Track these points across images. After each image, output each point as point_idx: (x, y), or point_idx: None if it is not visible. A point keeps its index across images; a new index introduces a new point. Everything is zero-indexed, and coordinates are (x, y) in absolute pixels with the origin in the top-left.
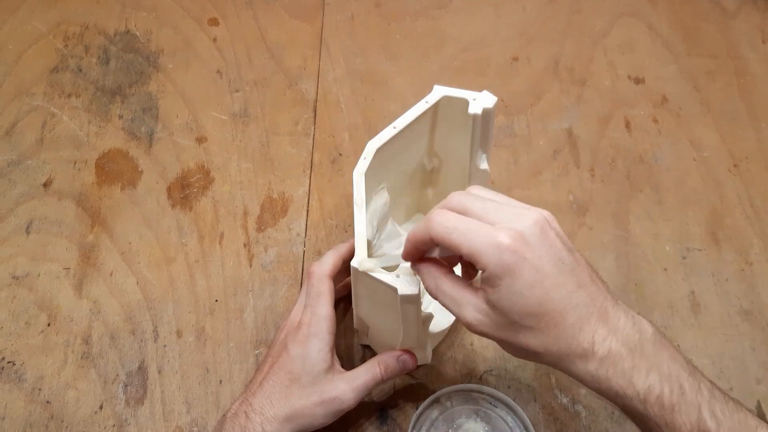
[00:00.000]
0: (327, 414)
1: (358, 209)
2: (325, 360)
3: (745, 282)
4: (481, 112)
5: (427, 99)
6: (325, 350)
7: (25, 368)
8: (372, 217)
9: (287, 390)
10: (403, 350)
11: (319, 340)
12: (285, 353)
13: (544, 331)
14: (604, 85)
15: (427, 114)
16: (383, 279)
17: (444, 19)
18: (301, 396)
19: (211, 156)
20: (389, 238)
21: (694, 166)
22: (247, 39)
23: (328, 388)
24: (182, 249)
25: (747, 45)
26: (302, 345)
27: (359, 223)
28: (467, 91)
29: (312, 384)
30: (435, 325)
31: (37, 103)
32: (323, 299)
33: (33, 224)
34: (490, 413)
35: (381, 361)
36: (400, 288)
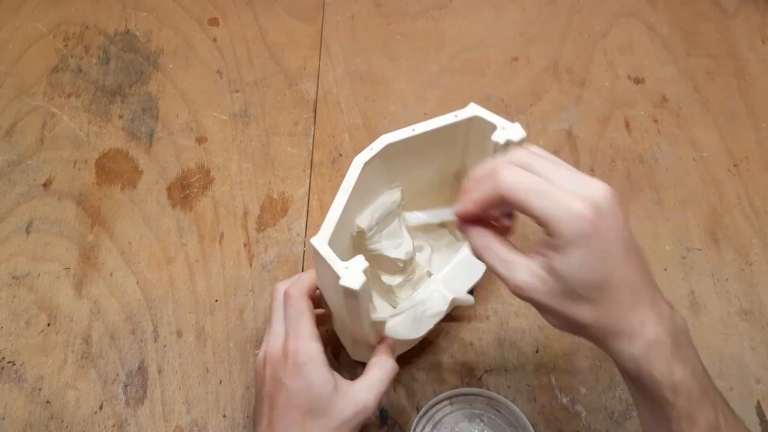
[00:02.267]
0: (352, 429)
1: (341, 193)
2: (328, 381)
3: (745, 282)
4: (504, 143)
5: (457, 113)
6: (323, 372)
7: (25, 368)
8: (375, 209)
9: (303, 426)
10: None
11: (314, 364)
12: (284, 389)
13: (600, 305)
14: (603, 86)
15: (458, 129)
16: (331, 263)
17: (444, 19)
18: (320, 426)
19: (211, 156)
20: (390, 236)
21: (694, 166)
22: (248, 39)
23: (344, 406)
24: (182, 249)
25: (747, 45)
26: (299, 376)
27: (336, 205)
28: (500, 117)
29: (326, 410)
30: (401, 333)
31: (37, 103)
32: (305, 319)
33: (33, 224)
34: (491, 416)
35: (382, 353)
36: (342, 278)
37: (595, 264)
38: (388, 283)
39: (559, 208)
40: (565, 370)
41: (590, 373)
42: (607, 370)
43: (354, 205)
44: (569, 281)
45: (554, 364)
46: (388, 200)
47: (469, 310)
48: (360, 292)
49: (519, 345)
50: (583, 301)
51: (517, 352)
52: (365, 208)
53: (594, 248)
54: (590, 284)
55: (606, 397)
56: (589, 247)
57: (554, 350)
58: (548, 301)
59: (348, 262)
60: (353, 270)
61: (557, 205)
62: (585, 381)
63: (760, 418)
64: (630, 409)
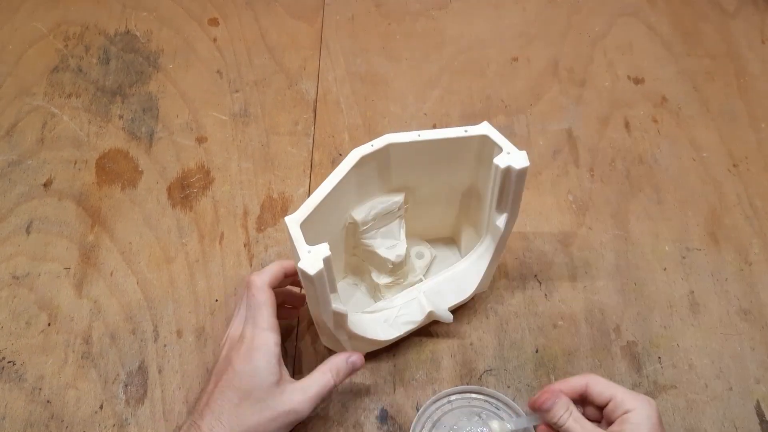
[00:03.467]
0: (281, 427)
1: (329, 179)
2: (274, 373)
3: (745, 282)
4: (504, 167)
5: (467, 129)
6: (272, 363)
7: (26, 368)
8: (374, 205)
9: (237, 408)
10: (351, 352)
11: (264, 353)
12: (230, 369)
13: None
14: (603, 86)
15: (469, 146)
16: (296, 243)
17: (444, 19)
18: (253, 412)
19: (212, 156)
20: (386, 235)
21: (694, 166)
22: (248, 39)
23: (281, 401)
24: (182, 249)
25: (747, 45)
26: (248, 360)
27: (320, 190)
28: (509, 142)
29: (263, 399)
30: (369, 332)
31: (37, 103)
32: (264, 310)
33: (33, 224)
34: (490, 414)
35: (331, 367)
36: (301, 260)
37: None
38: (376, 280)
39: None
40: (565, 370)
41: (590, 373)
42: (606, 371)
43: (350, 198)
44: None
45: (554, 364)
46: (389, 200)
47: (468, 309)
48: (315, 278)
49: (519, 345)
50: None
51: (517, 352)
52: (364, 203)
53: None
54: None
55: None
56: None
57: (554, 350)
58: None
59: (312, 247)
60: (314, 255)
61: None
62: None
63: (759, 418)
64: None
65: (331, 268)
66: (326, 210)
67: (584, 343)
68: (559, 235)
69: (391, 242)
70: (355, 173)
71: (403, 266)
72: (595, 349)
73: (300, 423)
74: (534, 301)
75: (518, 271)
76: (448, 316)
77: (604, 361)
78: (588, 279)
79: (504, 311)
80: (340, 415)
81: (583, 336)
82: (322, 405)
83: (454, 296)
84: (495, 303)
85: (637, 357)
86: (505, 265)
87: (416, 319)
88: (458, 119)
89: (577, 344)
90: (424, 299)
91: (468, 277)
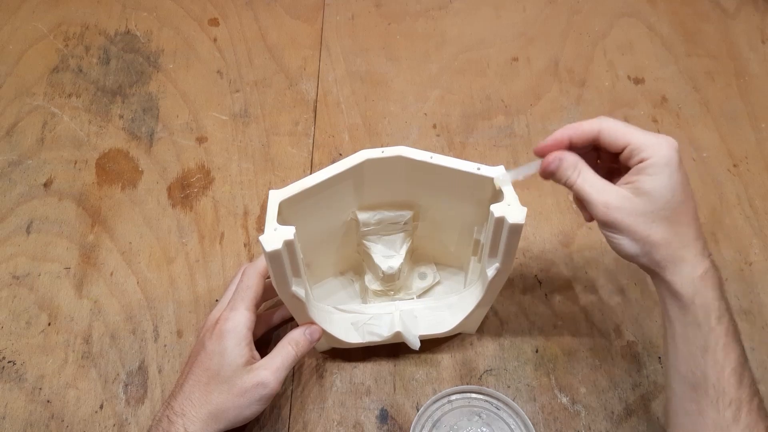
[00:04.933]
0: (252, 402)
1: (326, 170)
2: (242, 354)
3: (745, 282)
4: (496, 217)
5: (480, 167)
6: (242, 344)
7: (26, 368)
8: (381, 212)
9: (206, 387)
10: (308, 323)
11: (235, 334)
12: (203, 351)
13: (674, 226)
14: (603, 86)
15: (484, 186)
16: (267, 218)
17: (444, 19)
18: (221, 391)
19: (212, 156)
20: (386, 244)
21: (694, 166)
22: (248, 39)
23: (247, 378)
24: (182, 249)
25: (747, 45)
26: (218, 341)
27: (313, 176)
28: (515, 195)
29: (231, 378)
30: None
31: (37, 103)
32: (247, 294)
33: (33, 224)
34: (490, 414)
35: (290, 340)
36: (264, 234)
37: (677, 187)
38: (367, 284)
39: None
40: (565, 370)
41: (590, 373)
42: (607, 371)
43: (354, 197)
44: (654, 199)
45: (554, 364)
46: (399, 211)
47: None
48: (270, 256)
49: (519, 345)
50: (659, 221)
51: (517, 352)
52: (374, 208)
53: (677, 175)
54: (672, 203)
55: (606, 397)
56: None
57: (554, 350)
58: (629, 220)
59: (281, 227)
60: (278, 234)
61: (652, 137)
62: (585, 381)
63: None
64: (630, 409)
65: (294, 252)
66: (320, 199)
67: (584, 343)
68: (559, 235)
69: (389, 252)
70: (363, 175)
71: (395, 279)
72: (595, 349)
73: (302, 423)
74: (534, 301)
75: (518, 271)
76: (415, 343)
77: (604, 361)
78: (588, 279)
79: (504, 311)
80: (340, 415)
81: (583, 336)
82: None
83: (429, 327)
84: (495, 303)
85: (637, 357)
86: None
87: (382, 334)
88: (458, 119)
89: (577, 344)
90: (398, 318)
91: (450, 314)
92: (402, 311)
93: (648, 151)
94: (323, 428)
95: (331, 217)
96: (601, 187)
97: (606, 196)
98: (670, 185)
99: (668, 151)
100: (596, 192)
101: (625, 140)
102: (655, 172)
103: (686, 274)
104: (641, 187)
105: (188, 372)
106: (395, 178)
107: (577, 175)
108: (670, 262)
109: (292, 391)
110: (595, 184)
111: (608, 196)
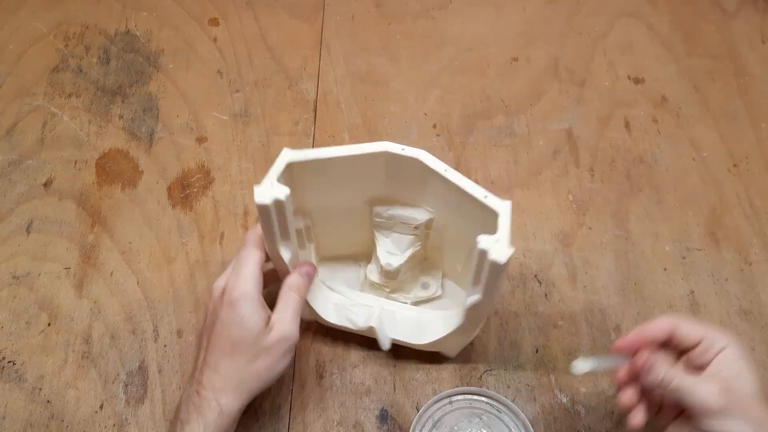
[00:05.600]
0: (280, 358)
1: (346, 147)
2: (260, 317)
3: (745, 282)
4: (480, 249)
5: (487, 195)
6: (256, 308)
7: (26, 368)
8: (398, 208)
9: (232, 357)
10: (300, 265)
11: (246, 300)
12: (218, 322)
13: None
14: (603, 86)
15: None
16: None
17: (444, 19)
18: (249, 357)
19: (212, 156)
20: (393, 241)
21: (694, 166)
22: (248, 39)
23: (270, 337)
24: (182, 249)
25: (747, 45)
26: (232, 310)
27: (330, 149)
28: (508, 232)
29: (255, 342)
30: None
31: (37, 103)
32: (250, 260)
33: (33, 224)
34: (491, 416)
35: (291, 287)
36: (259, 186)
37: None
38: (368, 273)
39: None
40: (565, 370)
41: (590, 372)
42: (606, 371)
43: (371, 185)
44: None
45: (554, 364)
46: (412, 214)
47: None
48: (258, 207)
49: (519, 345)
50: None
51: (517, 352)
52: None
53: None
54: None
55: (606, 397)
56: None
57: (554, 350)
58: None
59: (278, 185)
60: (273, 190)
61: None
62: (585, 381)
63: None
64: None
65: (283, 214)
66: (337, 177)
67: (584, 343)
68: (559, 235)
69: (394, 250)
70: (382, 167)
71: (394, 278)
72: (595, 349)
73: (302, 423)
74: (534, 301)
75: (518, 271)
76: (385, 343)
77: None
78: (588, 279)
79: (504, 311)
80: (340, 415)
81: (583, 336)
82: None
83: (405, 335)
84: (495, 303)
85: None
86: None
87: (356, 323)
88: (458, 119)
89: (577, 344)
90: (376, 314)
91: (428, 330)
92: (384, 310)
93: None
94: (323, 428)
95: (348, 198)
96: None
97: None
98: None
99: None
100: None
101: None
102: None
103: None
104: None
105: (207, 345)
106: (412, 180)
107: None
108: None
109: (292, 391)
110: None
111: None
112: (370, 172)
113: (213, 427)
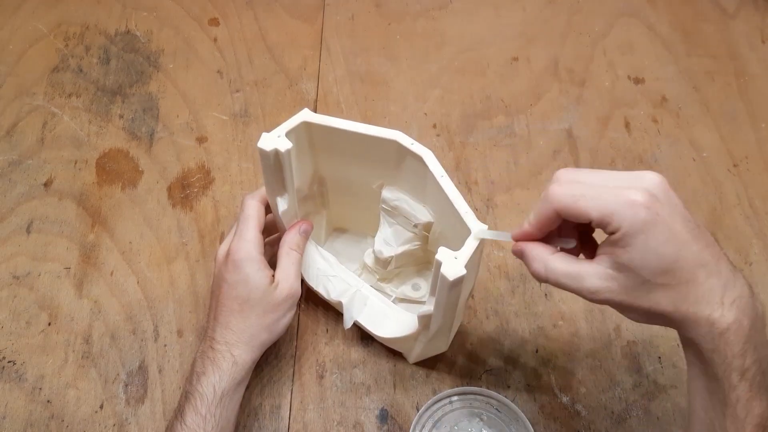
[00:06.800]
0: (286, 312)
1: (362, 125)
2: (264, 276)
3: None
4: (436, 258)
5: (468, 211)
6: (260, 267)
7: (26, 368)
8: (407, 198)
9: (241, 314)
10: (296, 224)
11: (251, 261)
12: (224, 284)
13: (676, 288)
14: (603, 86)
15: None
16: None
17: (444, 19)
18: (257, 313)
19: (212, 156)
20: (394, 232)
21: (694, 166)
22: (248, 39)
23: (276, 294)
24: (183, 249)
25: (747, 45)
26: (237, 271)
27: (347, 122)
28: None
29: (262, 299)
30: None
31: (37, 103)
32: (251, 222)
33: (33, 224)
34: (490, 416)
35: (290, 244)
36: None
37: (661, 248)
38: (364, 258)
39: (615, 202)
40: (565, 370)
41: (590, 373)
42: (606, 371)
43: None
44: (639, 271)
45: (554, 364)
46: (415, 211)
47: (468, 309)
48: (259, 151)
49: (519, 345)
50: (657, 289)
51: (517, 352)
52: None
53: (657, 234)
54: (660, 269)
55: (606, 397)
56: (650, 233)
57: (554, 350)
58: (624, 298)
59: (285, 139)
60: (278, 141)
61: (613, 200)
62: (585, 381)
63: None
64: (630, 409)
65: (281, 167)
66: (353, 151)
67: (584, 343)
68: None
69: (390, 240)
70: (393, 155)
71: (385, 267)
72: (595, 349)
73: (302, 423)
74: (534, 301)
75: (518, 271)
76: (348, 322)
77: (604, 361)
78: None
79: (504, 311)
80: (340, 415)
81: (583, 336)
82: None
83: (366, 320)
84: (495, 303)
85: (637, 357)
86: (505, 265)
87: (330, 294)
88: (458, 119)
89: (577, 344)
90: (350, 292)
91: (386, 325)
92: (359, 292)
93: (615, 221)
94: (323, 428)
95: (361, 176)
96: (577, 272)
97: (587, 282)
98: (653, 250)
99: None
100: (574, 281)
101: (585, 216)
102: (627, 243)
103: (704, 333)
104: (621, 262)
105: (216, 306)
106: (417, 174)
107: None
108: (685, 323)
109: (292, 391)
110: (569, 272)
111: (589, 281)
112: (382, 156)
113: (228, 376)
